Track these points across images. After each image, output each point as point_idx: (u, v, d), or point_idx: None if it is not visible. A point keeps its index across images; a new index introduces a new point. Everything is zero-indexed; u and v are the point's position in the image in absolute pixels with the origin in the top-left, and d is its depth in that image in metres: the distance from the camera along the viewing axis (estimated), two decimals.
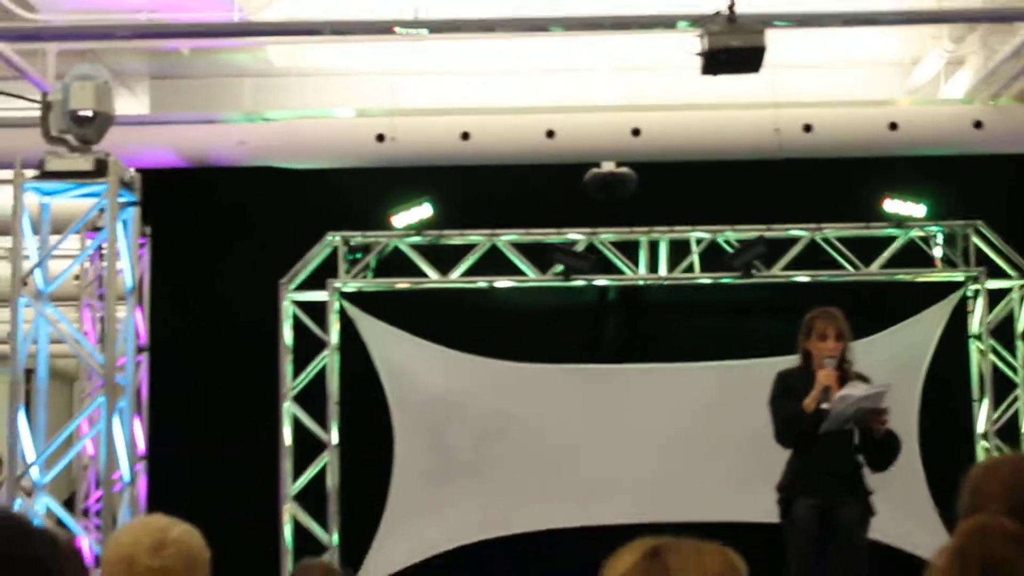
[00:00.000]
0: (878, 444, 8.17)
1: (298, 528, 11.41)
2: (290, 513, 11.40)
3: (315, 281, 11.51)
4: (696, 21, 8.51)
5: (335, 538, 11.34)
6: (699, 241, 11.57)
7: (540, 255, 11.50)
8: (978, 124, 10.84)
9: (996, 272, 11.56)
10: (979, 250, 11.55)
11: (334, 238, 11.49)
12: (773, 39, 8.64)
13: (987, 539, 2.68)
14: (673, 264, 11.55)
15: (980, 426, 11.56)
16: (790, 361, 8.60)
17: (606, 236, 11.59)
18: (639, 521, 10.87)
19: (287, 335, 11.48)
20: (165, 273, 11.50)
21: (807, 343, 8.29)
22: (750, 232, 11.46)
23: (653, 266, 11.57)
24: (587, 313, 12.06)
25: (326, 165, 11.17)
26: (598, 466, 11.52)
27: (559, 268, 11.45)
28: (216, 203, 11.87)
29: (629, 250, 11.60)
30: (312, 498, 11.42)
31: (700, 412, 11.56)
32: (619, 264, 11.58)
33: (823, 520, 8.17)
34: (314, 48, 11.42)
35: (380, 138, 10.84)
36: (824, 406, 8.04)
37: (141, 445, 10.88)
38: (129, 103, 11.90)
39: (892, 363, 11.41)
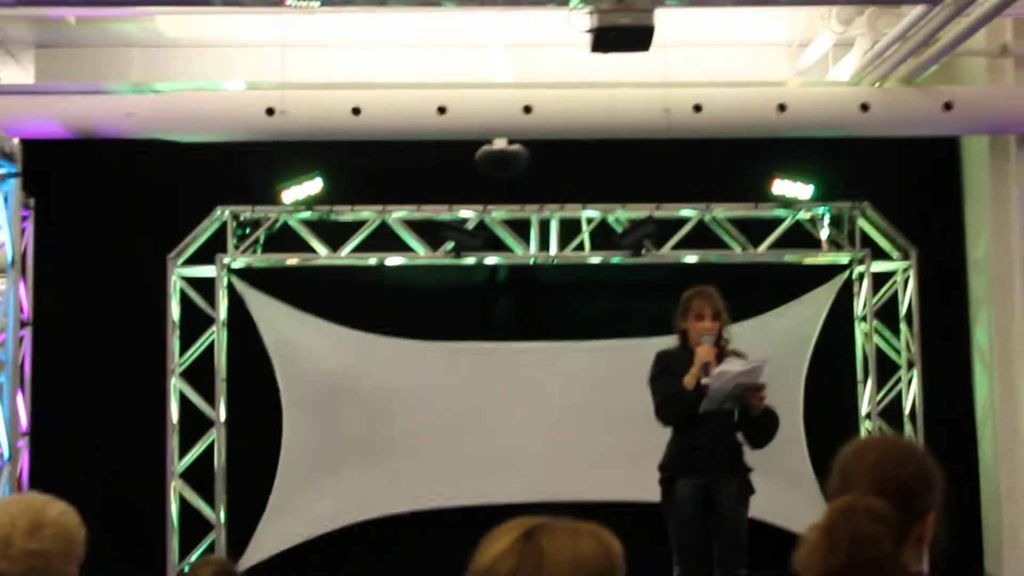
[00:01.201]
0: (756, 421, 8.27)
1: (185, 506, 11.33)
2: (177, 491, 11.30)
3: (204, 256, 11.41)
4: None
5: (222, 516, 11.25)
6: (589, 220, 11.61)
7: (431, 232, 11.49)
8: (865, 107, 10.95)
9: (881, 254, 11.73)
10: (864, 232, 11.71)
11: (223, 213, 11.39)
12: (663, 18, 8.67)
13: (855, 517, 2.75)
14: (564, 243, 11.58)
15: (864, 407, 11.72)
16: (675, 341, 8.66)
17: (497, 214, 11.60)
18: (530, 500, 10.93)
19: (174, 310, 11.37)
20: (50, 246, 11.30)
21: (684, 322, 8.40)
22: (640, 211, 11.53)
23: (544, 244, 11.60)
24: (478, 291, 12.06)
25: (216, 138, 11.04)
26: (489, 444, 11.54)
27: (450, 246, 11.44)
28: (103, 176, 11.71)
29: (520, 228, 11.62)
30: (199, 476, 11.33)
31: (590, 391, 11.62)
32: (510, 242, 11.60)
33: (704, 499, 8.25)
34: (204, 19, 11.29)
35: (270, 112, 10.73)
36: (704, 381, 8.11)
37: (24, 421, 10.70)
38: (14, 72, 11.70)
39: (778, 343, 11.55)
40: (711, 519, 8.30)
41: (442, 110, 10.83)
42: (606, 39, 8.43)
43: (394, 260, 11.60)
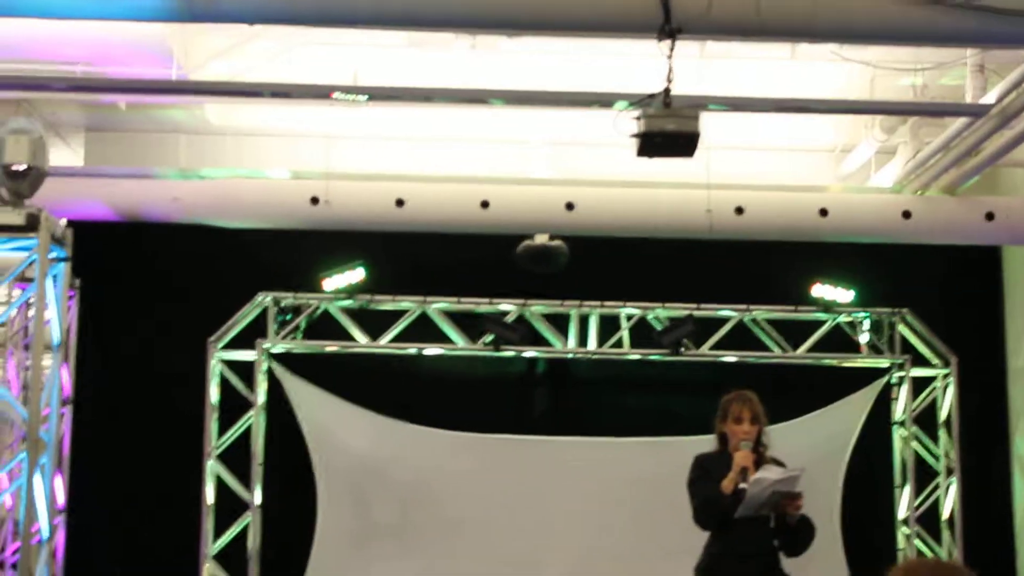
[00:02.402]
0: (792, 529, 8.19)
1: None
2: (210, 573, 11.30)
3: (244, 340, 11.48)
4: (633, 102, 8.57)
5: None
6: (629, 317, 11.63)
7: (470, 324, 11.53)
8: (907, 214, 10.97)
9: (920, 361, 11.68)
10: (904, 338, 11.67)
11: (265, 298, 11.47)
12: (708, 120, 8.71)
13: None
14: (602, 339, 11.60)
15: (901, 512, 11.63)
16: (713, 442, 8.62)
17: (537, 308, 11.64)
18: None
19: (213, 393, 11.43)
20: (93, 326, 11.40)
21: (723, 426, 8.31)
22: (680, 310, 11.54)
23: (582, 340, 11.62)
24: (515, 384, 12.08)
25: (259, 225, 11.15)
26: (521, 540, 11.49)
27: (489, 338, 11.47)
28: (147, 258, 11.84)
29: (559, 323, 11.65)
30: (232, 559, 11.33)
31: (625, 488, 11.56)
32: (548, 336, 11.63)
33: None
34: (251, 108, 11.42)
35: (315, 201, 10.84)
36: (742, 486, 8.06)
37: (61, 499, 10.75)
38: (64, 154, 11.86)
39: (816, 447, 11.48)
40: None
41: (485, 204, 10.91)
42: (652, 144, 8.45)
43: (433, 351, 11.64)
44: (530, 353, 11.72)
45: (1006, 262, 12.05)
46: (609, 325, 11.64)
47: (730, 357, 11.60)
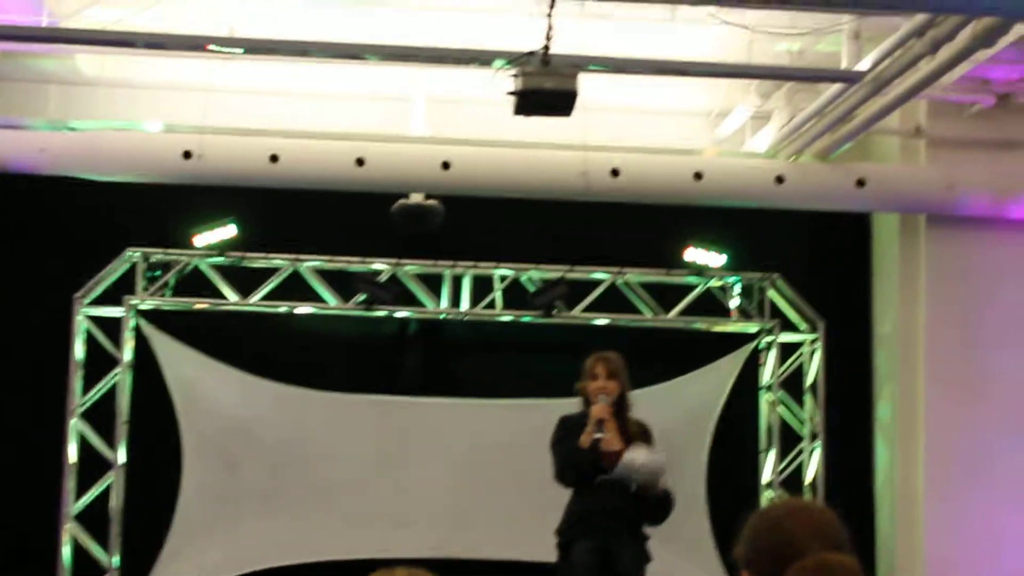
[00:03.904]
0: (653, 502, 8.28)
1: (78, 549, 11.13)
2: (70, 534, 11.11)
3: (111, 297, 11.28)
4: (511, 60, 8.52)
5: (116, 560, 11.07)
6: (502, 278, 11.62)
7: (343, 283, 11.44)
8: (780, 179, 11.08)
9: (790, 326, 11.84)
10: (774, 303, 11.81)
11: (133, 254, 11.27)
12: (586, 82, 8.70)
13: (833, 573, 2.72)
14: (475, 300, 11.58)
15: (766, 476, 11.79)
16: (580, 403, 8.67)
17: (410, 268, 11.58)
18: (429, 556, 10.87)
19: (79, 350, 11.21)
20: None
21: (583, 385, 8.42)
22: (553, 272, 11.55)
23: (455, 300, 11.59)
24: (386, 344, 12.01)
25: (130, 179, 10.95)
26: (393, 498, 11.47)
27: (361, 297, 11.40)
28: (13, 211, 11.57)
29: (432, 283, 11.61)
30: (94, 519, 11.14)
31: (495, 449, 11.58)
32: (421, 296, 11.58)
33: (601, 562, 8.24)
34: (125, 59, 11.19)
35: (187, 155, 10.65)
36: (596, 436, 8.12)
37: None
38: None
39: (684, 410, 11.62)
40: None
41: (360, 162, 10.81)
42: (529, 102, 8.42)
43: (304, 309, 11.54)
44: (402, 313, 11.67)
45: (875, 229, 12.23)
46: (482, 286, 11.62)
47: (602, 320, 11.64)
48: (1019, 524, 10.72)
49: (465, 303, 11.58)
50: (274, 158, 10.74)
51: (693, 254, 11.63)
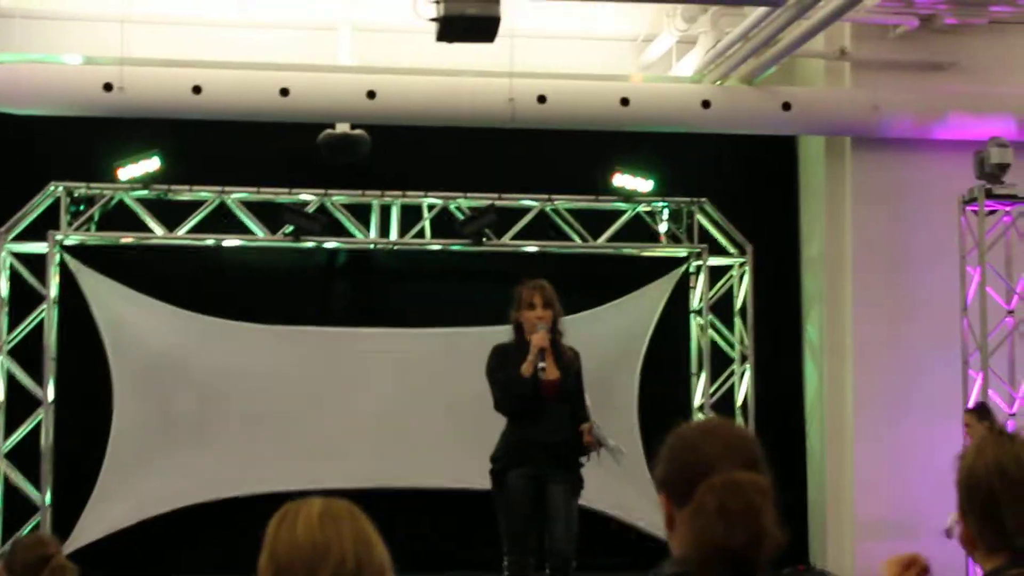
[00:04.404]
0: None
1: (8, 487, 11.06)
2: (1, 472, 11.03)
3: (35, 232, 11.13)
4: None
5: (48, 498, 11.01)
6: (431, 207, 11.59)
7: (270, 215, 11.36)
8: (706, 103, 11.10)
9: (718, 250, 11.89)
10: (703, 227, 11.85)
11: (56, 188, 11.12)
12: (510, 8, 8.67)
13: (745, 493, 2.74)
14: (404, 229, 11.54)
15: (697, 399, 11.88)
16: (510, 332, 8.69)
17: (338, 198, 11.51)
18: (362, 486, 10.88)
19: (3, 287, 11.09)
20: None
21: (517, 314, 8.44)
22: (481, 200, 11.53)
23: (384, 230, 11.54)
24: (316, 275, 11.98)
25: (50, 112, 10.80)
26: (322, 430, 11.45)
27: (289, 228, 11.33)
28: None
29: (361, 213, 11.55)
30: (25, 457, 11.07)
31: (426, 378, 11.59)
32: (350, 227, 11.53)
33: (536, 491, 8.30)
34: None
35: (108, 87, 10.52)
36: (541, 365, 8.17)
37: None
38: None
39: (615, 335, 11.68)
40: (542, 511, 8.34)
41: (285, 92, 10.72)
42: (452, 28, 8.40)
43: (232, 242, 11.46)
44: (331, 244, 11.62)
45: (802, 152, 12.28)
46: (411, 215, 11.58)
47: (531, 247, 11.65)
48: (944, 439, 10.86)
49: (394, 233, 11.54)
50: (197, 89, 10.63)
51: (621, 180, 11.63)
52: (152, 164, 11.13)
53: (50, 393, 11.07)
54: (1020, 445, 3.08)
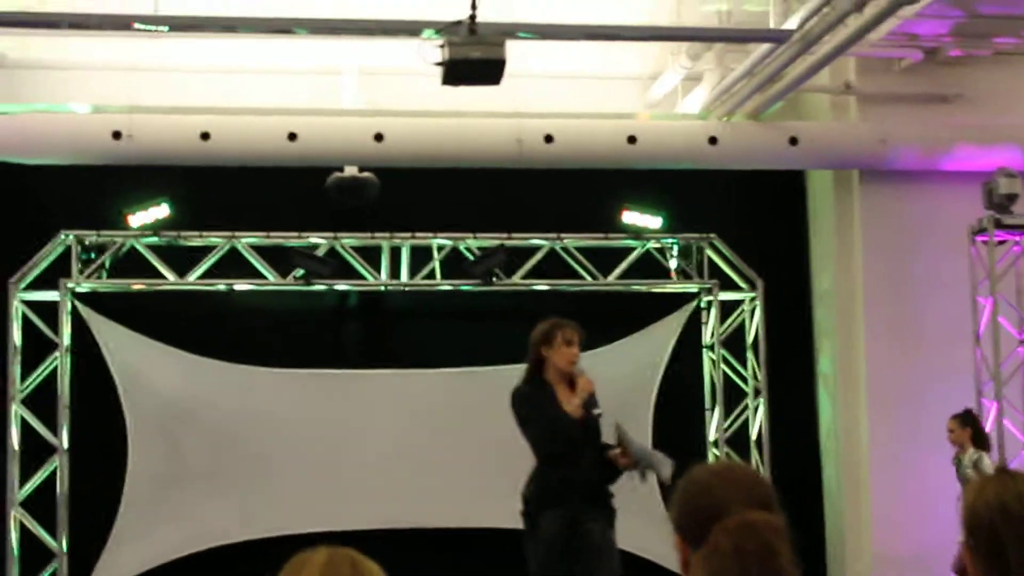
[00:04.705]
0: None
1: (25, 535, 11.07)
2: (17, 519, 11.05)
3: (47, 281, 11.18)
4: (439, 30, 8.51)
5: (64, 545, 11.02)
6: (440, 248, 11.61)
7: (280, 259, 11.38)
8: (713, 140, 11.13)
9: (729, 285, 11.89)
10: (712, 263, 11.86)
11: (67, 237, 11.17)
12: (515, 49, 8.69)
13: (759, 534, 2.75)
14: (414, 270, 11.56)
15: (711, 434, 11.86)
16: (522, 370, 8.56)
17: (348, 241, 11.54)
18: (377, 527, 10.90)
19: (16, 336, 11.12)
20: None
21: (547, 350, 8.20)
22: (491, 240, 11.55)
23: (395, 272, 11.57)
24: (327, 318, 11.99)
25: (60, 162, 10.86)
26: (338, 471, 11.46)
27: (299, 272, 11.35)
28: None
29: (371, 255, 11.57)
30: (40, 505, 11.08)
31: (439, 418, 11.60)
32: (360, 269, 11.55)
33: (570, 534, 8.14)
34: (49, 40, 11.06)
35: (117, 135, 10.57)
36: (596, 411, 8.06)
37: None
38: None
39: (628, 371, 11.67)
40: (576, 552, 8.20)
41: (292, 136, 10.77)
42: (457, 72, 8.42)
43: (242, 286, 11.49)
44: (342, 286, 11.65)
45: (810, 186, 12.30)
46: (421, 256, 11.60)
47: (542, 286, 11.66)
48: None
49: (404, 274, 11.56)
50: (205, 136, 10.68)
51: (630, 217, 11.66)
52: (162, 211, 11.18)
53: (64, 440, 11.09)
54: (1021, 482, 3.07)
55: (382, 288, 11.68)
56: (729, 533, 2.76)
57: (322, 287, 11.51)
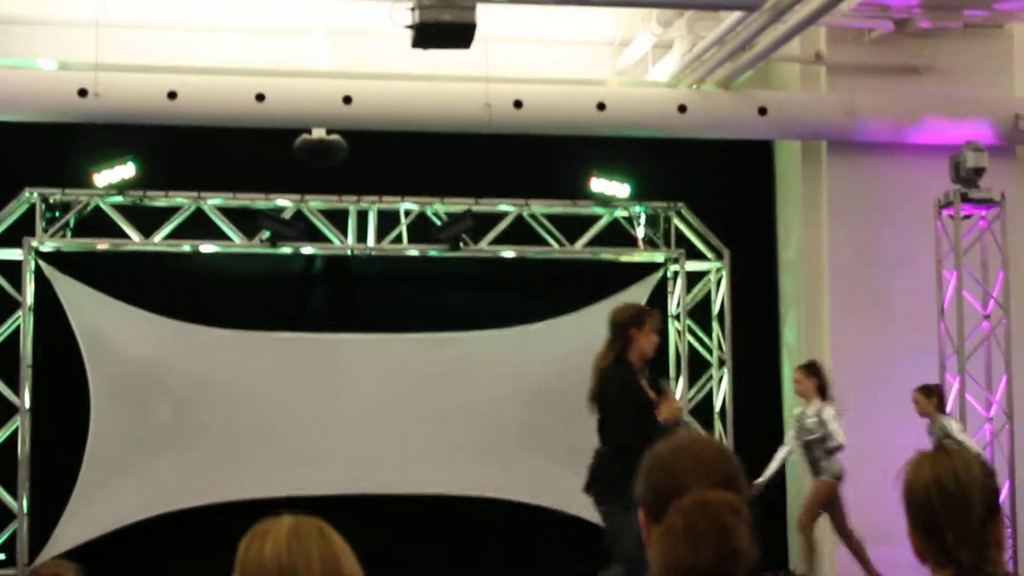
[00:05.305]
0: None
1: None
2: None
3: (10, 239, 11.10)
4: None
5: (25, 506, 10.96)
6: (408, 212, 11.57)
7: (247, 221, 11.33)
8: (682, 108, 11.11)
9: (696, 254, 11.89)
10: (680, 232, 11.86)
11: (31, 195, 11.08)
12: (486, 13, 8.66)
13: (714, 512, 2.75)
14: (381, 234, 11.53)
15: None
16: (501, 336, 8.58)
17: (315, 204, 11.50)
18: (341, 493, 10.90)
19: None
20: None
21: (638, 333, 8.28)
22: (459, 205, 11.52)
23: (361, 236, 11.52)
24: (293, 281, 11.93)
25: (25, 118, 10.77)
26: (303, 436, 11.43)
27: (266, 234, 11.30)
28: None
29: (338, 219, 11.53)
30: (2, 465, 11.02)
31: (404, 384, 11.58)
32: (327, 232, 11.50)
33: None
34: None
35: (83, 93, 10.48)
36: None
37: None
38: None
39: (592, 340, 11.56)
40: None
41: (260, 97, 10.71)
42: (427, 35, 8.38)
43: (208, 248, 11.43)
44: (308, 249, 11.60)
45: (778, 156, 12.30)
46: (388, 221, 11.57)
47: (509, 252, 11.64)
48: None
49: (371, 238, 11.53)
50: (172, 95, 10.60)
51: (598, 184, 11.64)
52: (128, 170, 11.09)
53: (27, 400, 11.03)
54: (958, 460, 3.09)
55: (349, 252, 11.64)
56: (683, 511, 2.76)
57: (288, 250, 11.46)
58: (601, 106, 11.00)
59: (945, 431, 10.08)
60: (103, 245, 11.31)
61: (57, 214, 11.23)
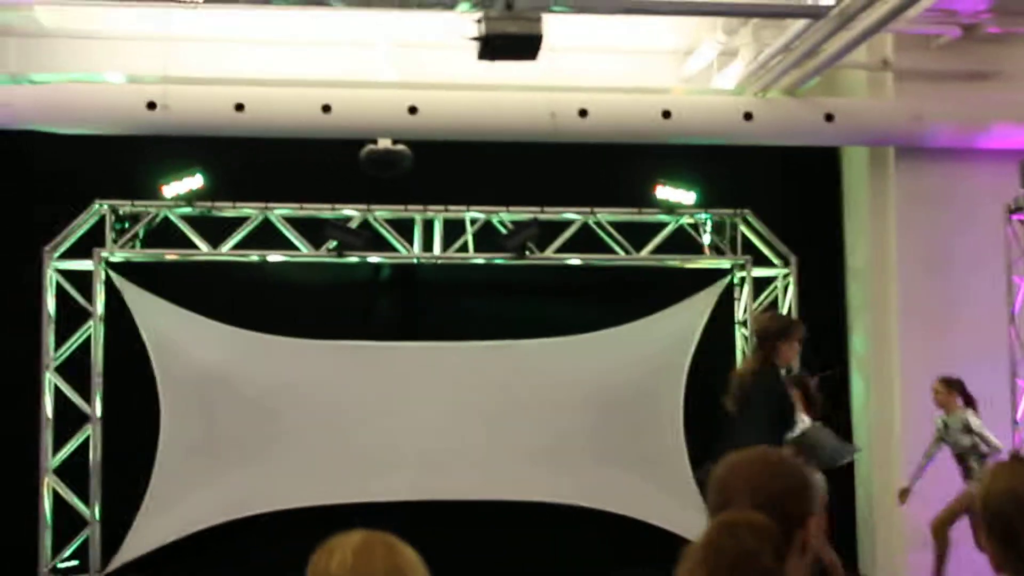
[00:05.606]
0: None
1: (59, 502, 11.15)
2: (50, 487, 11.13)
3: (81, 250, 11.23)
4: (475, 4, 8.47)
5: (97, 513, 11.09)
6: (473, 221, 11.60)
7: (313, 230, 11.41)
8: (748, 115, 11.06)
9: (762, 260, 11.84)
10: (746, 239, 11.82)
11: (101, 206, 11.22)
12: (551, 22, 8.65)
13: (736, 533, 2.79)
14: (447, 243, 11.56)
15: None
16: (567, 343, 8.60)
17: (381, 213, 11.55)
18: (409, 499, 10.96)
19: (50, 304, 11.18)
20: None
21: (785, 344, 8.42)
22: (524, 214, 11.54)
23: (427, 244, 11.57)
24: (360, 290, 11.99)
25: (95, 131, 10.88)
26: (367, 444, 11.49)
27: (332, 244, 11.37)
28: None
29: (403, 228, 11.58)
30: (73, 472, 11.15)
31: (471, 391, 11.62)
32: (393, 242, 11.55)
33: None
34: (84, 9, 11.07)
35: (152, 106, 10.58)
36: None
37: None
38: None
39: (660, 346, 11.67)
40: None
41: (327, 108, 10.76)
42: (493, 47, 8.36)
43: (275, 257, 11.51)
44: (374, 259, 11.66)
45: (845, 163, 12.24)
46: (454, 229, 11.61)
47: (575, 260, 11.65)
48: None
49: (437, 247, 11.57)
50: (239, 107, 10.68)
51: (663, 192, 11.62)
52: (196, 181, 11.21)
53: (98, 409, 11.16)
54: None
55: (415, 260, 11.69)
56: (711, 530, 2.81)
57: (355, 259, 11.52)
58: (666, 114, 10.97)
59: (965, 424, 10.09)
60: (172, 255, 11.43)
61: (127, 225, 11.35)
